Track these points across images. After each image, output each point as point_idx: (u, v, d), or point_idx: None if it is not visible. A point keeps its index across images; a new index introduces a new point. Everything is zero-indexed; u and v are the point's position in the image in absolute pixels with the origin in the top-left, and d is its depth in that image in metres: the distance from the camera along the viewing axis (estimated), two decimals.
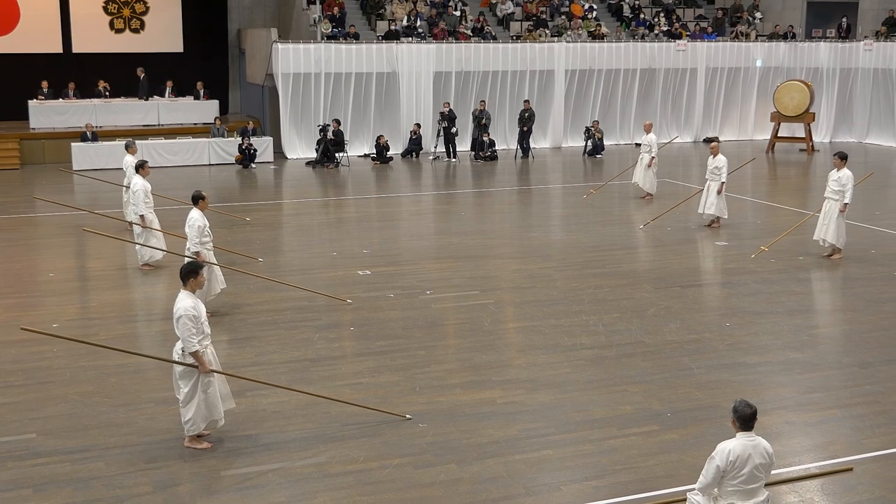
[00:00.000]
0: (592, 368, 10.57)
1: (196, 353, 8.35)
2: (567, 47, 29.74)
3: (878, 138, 31.39)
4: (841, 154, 15.49)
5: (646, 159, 20.56)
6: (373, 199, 21.44)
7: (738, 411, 6.57)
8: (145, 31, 31.16)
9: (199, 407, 8.52)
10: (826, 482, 8.05)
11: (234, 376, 9.32)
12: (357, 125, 28.07)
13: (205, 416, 8.60)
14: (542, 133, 29.88)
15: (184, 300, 8.40)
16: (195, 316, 8.33)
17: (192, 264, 8.72)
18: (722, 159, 17.63)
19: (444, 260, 15.52)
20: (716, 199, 17.63)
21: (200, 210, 12.12)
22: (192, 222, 12.07)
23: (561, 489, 7.89)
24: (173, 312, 8.41)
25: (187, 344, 8.31)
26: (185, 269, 8.60)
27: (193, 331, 8.29)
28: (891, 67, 30.55)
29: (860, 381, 10.29)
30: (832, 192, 15.29)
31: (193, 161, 25.72)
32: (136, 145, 17.76)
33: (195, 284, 8.56)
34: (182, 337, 8.32)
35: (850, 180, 15.14)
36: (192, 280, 8.53)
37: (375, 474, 8.12)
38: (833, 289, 13.93)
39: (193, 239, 12.08)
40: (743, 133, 32.28)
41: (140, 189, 14.74)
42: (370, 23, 30.21)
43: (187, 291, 8.49)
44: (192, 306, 8.34)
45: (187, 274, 8.53)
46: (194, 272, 8.55)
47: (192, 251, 12.07)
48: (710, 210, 17.73)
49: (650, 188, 20.62)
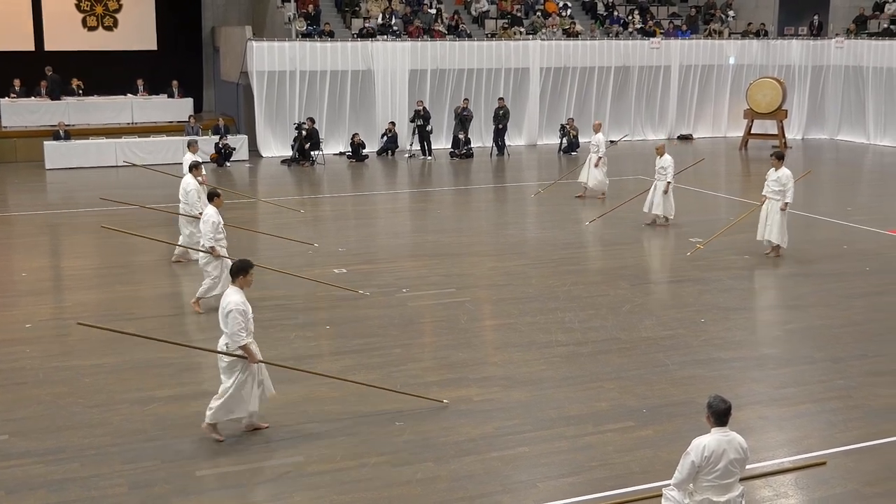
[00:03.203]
0: (568, 365, 10.62)
1: (245, 346, 8.49)
2: (542, 45, 29.81)
3: (850, 135, 31.67)
4: (778, 154, 15.54)
5: (593, 159, 20.54)
6: (348, 198, 21.41)
7: (713, 407, 6.62)
8: (118, 28, 30.93)
9: (227, 401, 8.61)
10: (800, 476, 8.14)
11: (281, 366, 9.45)
12: (332, 123, 28.00)
13: (228, 411, 8.67)
14: (518, 131, 29.93)
15: (233, 295, 8.52)
16: (244, 311, 8.47)
17: (242, 262, 8.81)
18: (668, 159, 17.69)
19: (421, 258, 15.53)
20: (661, 198, 17.71)
21: (215, 207, 12.28)
22: (207, 218, 12.24)
23: (537, 486, 7.92)
24: (221, 308, 8.52)
25: (236, 338, 8.43)
26: (235, 266, 8.75)
27: (242, 325, 8.43)
28: (861, 65, 30.82)
29: (833, 376, 10.39)
30: (772, 192, 15.30)
31: (168, 159, 25.54)
32: (197, 144, 17.54)
33: (244, 282, 8.69)
34: (231, 332, 8.44)
35: (790, 179, 15.17)
36: (242, 277, 8.67)
37: (353, 473, 8.13)
38: (806, 284, 14.04)
39: (207, 234, 12.23)
40: (717, 130, 32.47)
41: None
42: (345, 21, 30.15)
43: (236, 287, 8.62)
44: (241, 301, 8.48)
45: (238, 271, 8.67)
46: (244, 270, 8.68)
47: (207, 246, 12.24)
48: (655, 210, 17.81)
49: (600, 187, 20.59)
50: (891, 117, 30.07)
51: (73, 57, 29.55)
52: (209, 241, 12.26)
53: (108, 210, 18.31)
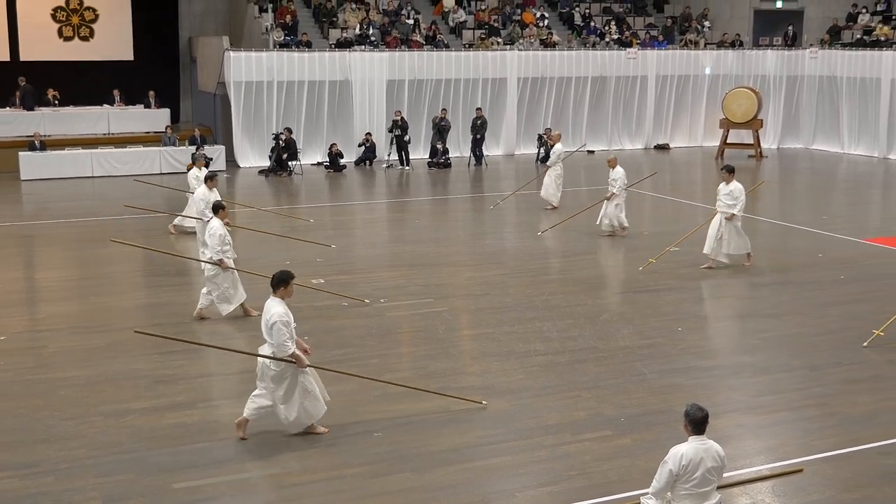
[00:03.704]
0: (546, 375, 10.62)
1: (293, 354, 8.66)
2: (519, 55, 29.90)
3: (825, 144, 31.91)
4: (728, 167, 15.49)
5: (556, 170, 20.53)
6: (326, 208, 21.36)
7: (690, 415, 6.64)
8: (95, 39, 30.78)
9: (301, 413, 8.83)
10: (777, 484, 8.16)
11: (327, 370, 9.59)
12: (310, 133, 27.96)
13: (311, 416, 8.91)
14: (495, 140, 29.99)
15: (276, 307, 8.68)
16: (287, 322, 8.62)
17: (284, 273, 8.91)
18: (618, 171, 17.67)
19: (399, 268, 15.51)
20: (613, 210, 17.77)
21: (220, 220, 12.43)
22: (213, 231, 12.36)
23: (516, 496, 7.91)
24: (265, 320, 8.68)
25: (283, 348, 8.60)
26: (276, 277, 8.87)
27: (287, 335, 8.58)
28: (835, 75, 31.09)
29: (809, 384, 10.44)
30: (725, 206, 15.26)
31: (144, 170, 25.43)
32: (203, 159, 18.38)
33: (285, 293, 8.83)
34: (277, 343, 8.60)
35: (742, 192, 15.14)
36: (283, 289, 8.82)
37: (331, 484, 8.09)
38: (782, 293, 14.12)
39: (215, 248, 12.31)
40: (693, 140, 32.65)
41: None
42: (322, 31, 30.15)
43: (277, 299, 8.74)
44: (284, 312, 8.64)
45: (279, 282, 8.82)
46: (285, 281, 8.82)
47: (215, 259, 12.34)
48: (605, 220, 17.87)
49: (553, 198, 20.64)
50: (864, 127, 30.34)
51: (50, 67, 29.40)
52: (217, 255, 12.34)
53: (86, 221, 18.22)
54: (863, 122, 30.38)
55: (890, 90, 29.08)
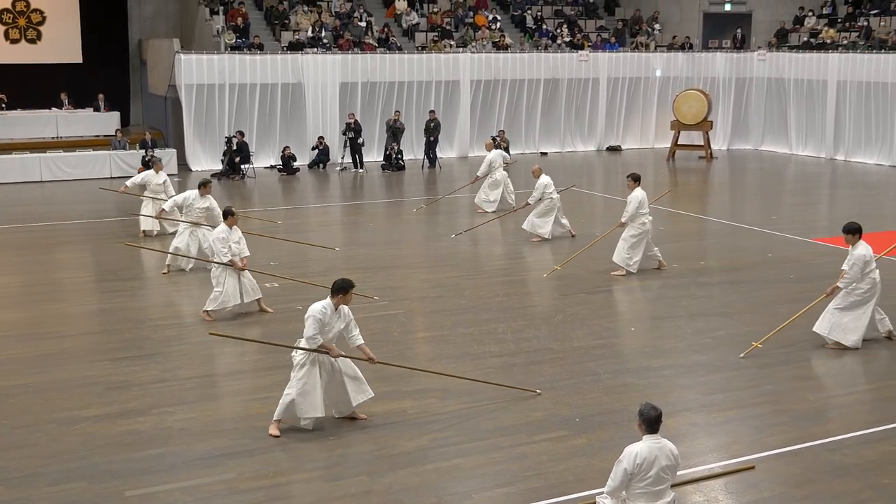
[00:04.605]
0: (502, 376, 10.65)
1: (323, 344, 9.01)
2: (472, 58, 29.98)
3: (773, 145, 32.38)
4: (633, 175, 15.54)
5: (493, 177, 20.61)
6: (280, 211, 21.26)
7: (644, 414, 6.71)
8: (42, 41, 30.33)
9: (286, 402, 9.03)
10: (730, 481, 8.26)
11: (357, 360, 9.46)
12: (263, 136, 27.79)
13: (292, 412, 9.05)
14: (449, 143, 30.03)
15: (317, 303, 9.06)
16: (321, 319, 8.94)
17: (344, 281, 9.15)
18: (540, 181, 17.73)
19: (353, 271, 15.44)
20: (533, 217, 17.85)
21: (228, 226, 12.79)
22: (216, 236, 12.88)
23: (473, 497, 7.93)
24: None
25: (311, 342, 8.97)
26: (337, 284, 9.10)
27: (316, 329, 8.93)
28: (783, 77, 31.56)
29: (760, 382, 10.59)
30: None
31: (94, 174, 25.11)
32: (160, 163, 18.62)
33: (341, 300, 9.08)
34: (306, 335, 9.01)
35: (635, 200, 15.05)
36: (341, 296, 9.06)
37: (286, 489, 8.05)
38: (733, 292, 14.30)
39: (221, 252, 12.68)
40: (645, 141, 32.95)
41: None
42: (275, 33, 29.99)
43: (328, 301, 9.05)
44: (320, 310, 8.97)
45: (338, 290, 9.05)
46: (344, 290, 9.06)
47: (225, 261, 12.70)
48: (525, 226, 17.96)
49: (485, 205, 20.67)
50: (812, 128, 30.83)
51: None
52: (225, 258, 12.70)
53: (34, 227, 17.95)
54: (810, 123, 30.87)
55: (836, 92, 29.59)
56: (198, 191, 15.32)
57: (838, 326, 11.64)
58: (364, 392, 9.41)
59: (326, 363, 9.19)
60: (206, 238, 13.98)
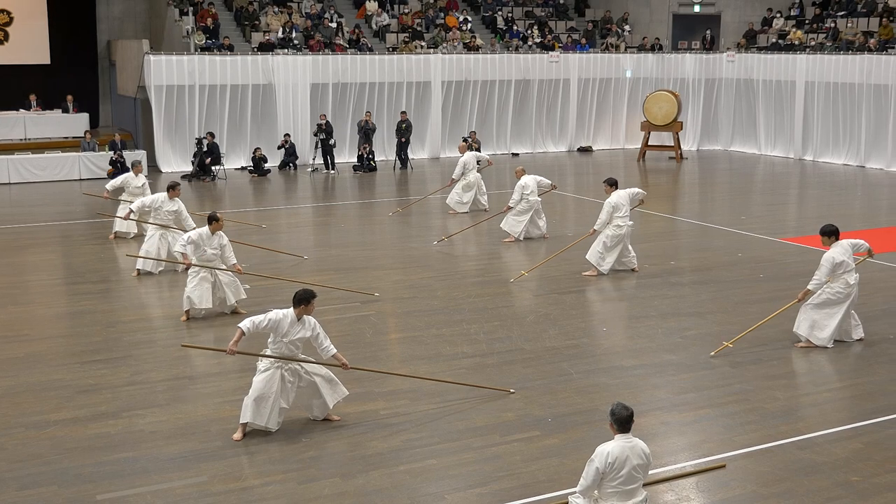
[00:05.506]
0: (474, 377, 10.66)
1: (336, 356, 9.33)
2: (443, 59, 30.00)
3: (742, 146, 32.64)
4: (609, 180, 15.64)
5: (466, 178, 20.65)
6: (251, 213, 21.17)
7: (616, 414, 6.75)
8: (9, 42, 30.01)
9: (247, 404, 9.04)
10: (701, 480, 8.32)
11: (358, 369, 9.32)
12: (233, 138, 27.67)
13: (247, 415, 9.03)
14: (420, 144, 30.04)
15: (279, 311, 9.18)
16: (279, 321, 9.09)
17: (306, 292, 9.23)
18: (520, 183, 17.79)
19: (325, 272, 15.42)
20: (510, 217, 17.91)
21: (211, 231, 12.67)
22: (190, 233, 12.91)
23: (445, 498, 7.93)
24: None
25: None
26: (298, 295, 9.18)
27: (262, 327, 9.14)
28: (752, 78, 31.82)
29: (731, 381, 10.67)
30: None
31: (63, 176, 24.91)
32: (140, 165, 18.58)
33: (303, 311, 9.14)
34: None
35: (608, 206, 15.09)
36: (303, 307, 9.13)
37: (258, 491, 8.02)
38: (703, 292, 14.39)
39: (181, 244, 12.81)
40: (615, 142, 33.11)
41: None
42: (245, 34, 29.86)
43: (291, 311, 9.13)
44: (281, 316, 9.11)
45: (299, 301, 9.14)
46: (306, 300, 9.14)
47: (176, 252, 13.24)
48: (503, 225, 18.05)
49: (457, 207, 20.72)
50: (780, 128, 31.11)
51: None
52: (179, 250, 12.98)
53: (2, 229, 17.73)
54: (779, 124, 31.15)
55: (804, 93, 29.87)
56: (166, 193, 15.24)
57: (809, 322, 11.75)
58: (339, 392, 9.42)
59: (293, 369, 9.20)
60: (177, 241, 13.89)
